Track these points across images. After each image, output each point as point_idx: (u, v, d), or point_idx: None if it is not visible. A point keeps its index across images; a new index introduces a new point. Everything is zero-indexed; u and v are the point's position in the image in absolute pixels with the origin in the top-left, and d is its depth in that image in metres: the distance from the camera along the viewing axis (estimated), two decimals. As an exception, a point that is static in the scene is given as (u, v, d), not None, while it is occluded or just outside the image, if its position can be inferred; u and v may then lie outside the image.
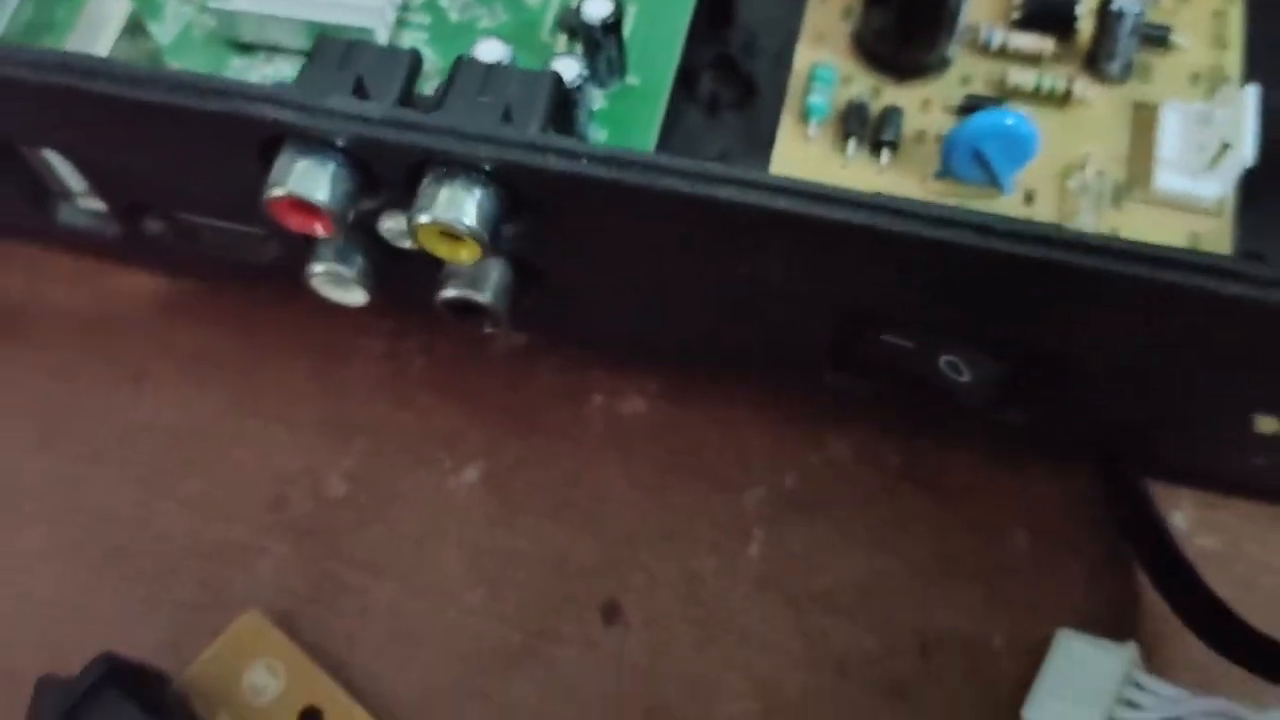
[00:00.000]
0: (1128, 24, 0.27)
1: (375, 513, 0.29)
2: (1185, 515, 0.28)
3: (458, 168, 0.22)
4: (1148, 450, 0.26)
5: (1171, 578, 0.27)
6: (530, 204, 0.23)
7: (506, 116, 0.23)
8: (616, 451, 0.30)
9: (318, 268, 0.26)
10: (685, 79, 0.30)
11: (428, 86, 0.27)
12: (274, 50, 0.30)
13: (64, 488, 0.30)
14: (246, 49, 0.30)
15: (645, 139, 0.29)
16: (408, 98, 0.25)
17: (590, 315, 0.27)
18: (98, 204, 0.29)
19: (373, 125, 0.22)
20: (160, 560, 0.29)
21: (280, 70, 0.30)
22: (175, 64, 0.30)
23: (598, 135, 0.28)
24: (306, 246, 0.26)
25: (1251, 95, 0.26)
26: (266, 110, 0.22)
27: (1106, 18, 0.27)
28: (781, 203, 0.21)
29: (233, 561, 0.29)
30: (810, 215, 0.21)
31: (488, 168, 0.22)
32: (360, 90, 0.24)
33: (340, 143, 0.23)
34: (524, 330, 0.30)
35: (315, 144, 0.23)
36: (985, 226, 0.21)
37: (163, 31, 0.30)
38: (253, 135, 0.23)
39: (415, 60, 0.25)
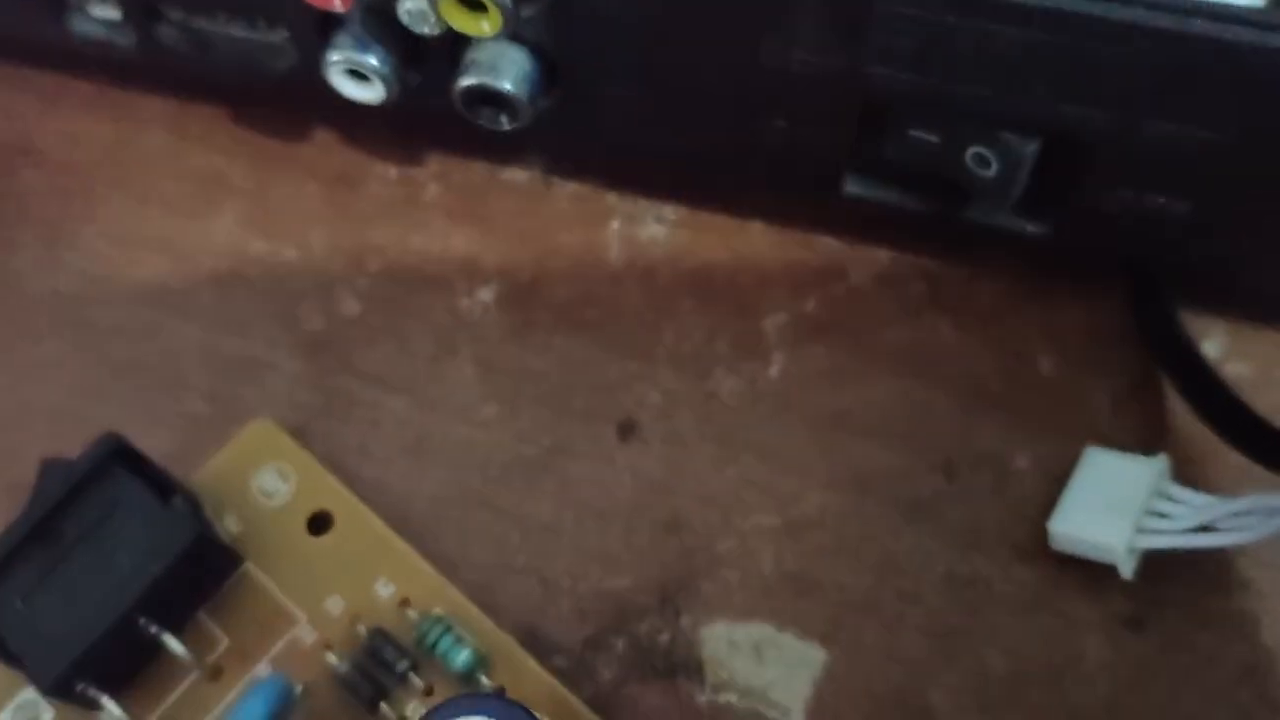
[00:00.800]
0: None
1: (388, 330, 0.29)
2: (1217, 343, 0.28)
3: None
4: (1176, 266, 0.26)
5: (1204, 394, 0.26)
6: None
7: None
8: (634, 274, 0.29)
9: (335, 56, 0.25)
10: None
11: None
12: None
13: (73, 303, 0.29)
14: None
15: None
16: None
17: (609, 120, 0.27)
18: (112, 11, 0.28)
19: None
20: (169, 373, 0.28)
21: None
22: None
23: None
24: (323, 39, 0.26)
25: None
26: None
27: None
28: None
29: (243, 376, 0.28)
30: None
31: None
32: None
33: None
34: (540, 149, 0.30)
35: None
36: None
37: None
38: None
39: None
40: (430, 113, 0.27)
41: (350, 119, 0.29)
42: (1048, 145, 0.24)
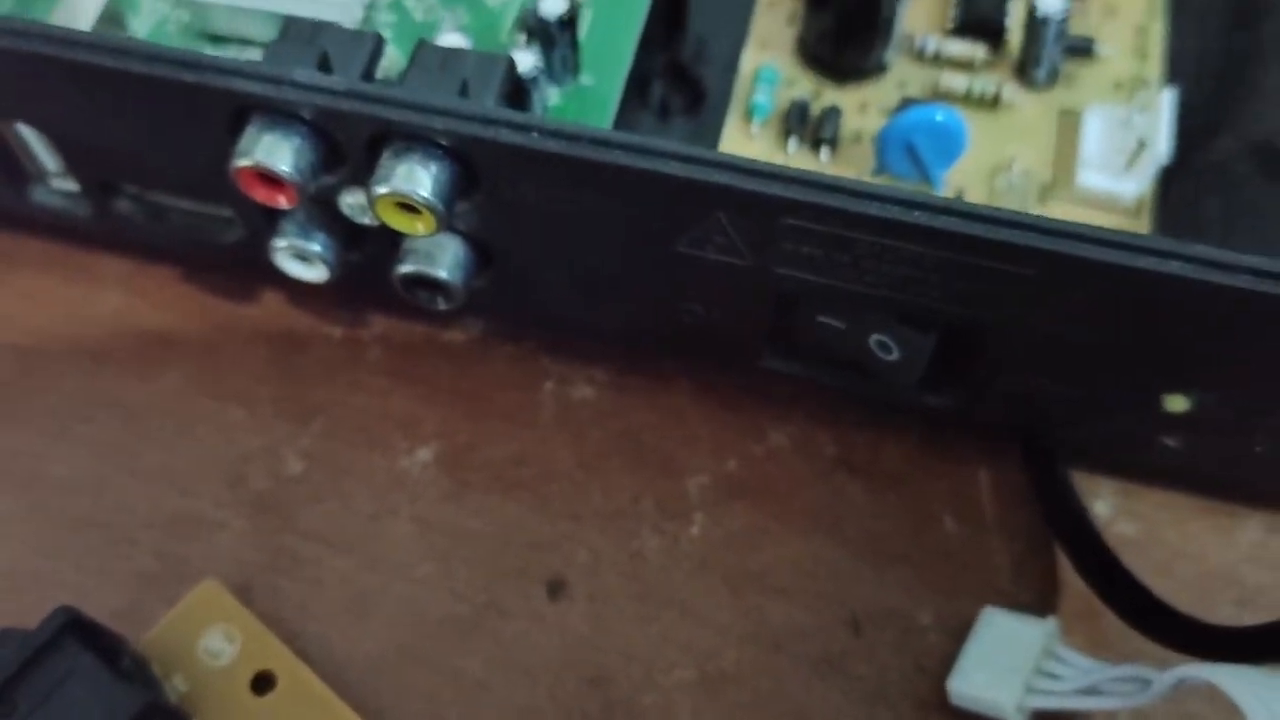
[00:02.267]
0: (1051, 30, 0.29)
1: (330, 489, 0.30)
2: (1106, 503, 0.30)
3: (415, 140, 0.24)
4: (1068, 435, 0.28)
5: (1092, 559, 0.28)
6: (484, 177, 0.24)
7: (463, 93, 0.25)
8: (565, 435, 0.31)
9: (280, 242, 0.27)
10: (637, 84, 0.32)
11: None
12: (246, 43, 0.31)
13: (26, 461, 0.30)
14: (219, 41, 0.31)
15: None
16: (370, 77, 0.26)
17: (541, 298, 0.28)
18: (70, 184, 0.30)
19: (335, 97, 0.24)
20: (119, 532, 0.30)
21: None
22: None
23: (553, 129, 0.30)
24: (269, 225, 0.28)
25: (1168, 97, 0.28)
26: (235, 82, 0.24)
27: (1032, 25, 0.29)
28: (721, 177, 0.23)
29: (191, 535, 0.30)
30: (748, 190, 0.23)
31: (443, 140, 0.23)
32: (325, 66, 0.25)
33: (304, 115, 0.24)
34: (477, 314, 0.31)
35: (281, 116, 0.24)
36: (907, 201, 0.22)
37: (139, 24, 0.31)
38: (222, 106, 0.24)
39: (378, 42, 0.26)
40: (372, 286, 0.28)
41: (297, 284, 0.30)
42: (945, 334, 0.26)
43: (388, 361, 0.32)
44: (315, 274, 0.28)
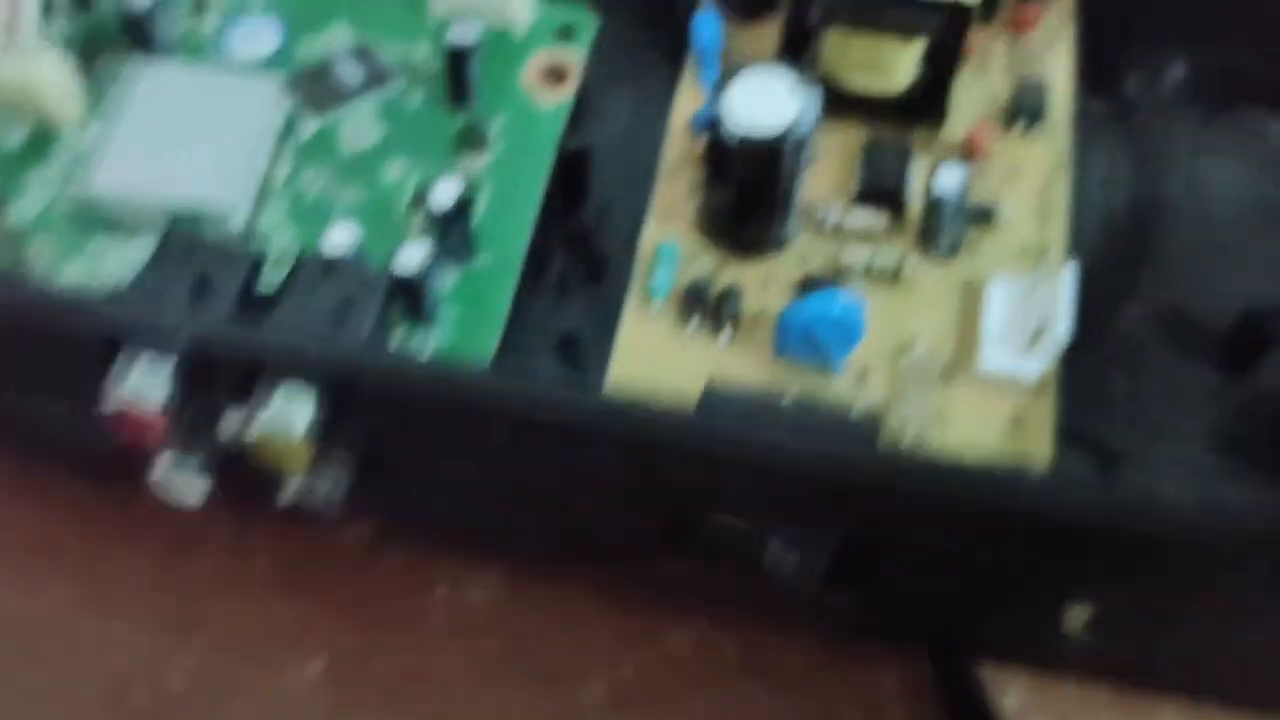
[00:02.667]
0: (949, 209, 0.28)
1: (214, 709, 0.29)
2: (1016, 697, 0.29)
3: (288, 375, 0.23)
4: (975, 633, 0.27)
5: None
6: (360, 406, 0.24)
7: (340, 316, 0.24)
8: (458, 643, 0.30)
9: (158, 468, 0.26)
10: (538, 256, 0.31)
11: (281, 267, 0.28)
12: (133, 230, 0.30)
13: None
14: (108, 227, 0.31)
15: (495, 318, 0.29)
16: (248, 297, 0.25)
17: (428, 506, 0.28)
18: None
19: (206, 335, 0.23)
20: (2, 746, 0.29)
21: (140, 249, 0.30)
22: (37, 242, 0.30)
23: (448, 314, 0.29)
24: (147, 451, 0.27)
25: (1068, 274, 0.28)
26: (103, 320, 0.23)
27: (929, 203, 0.29)
28: (593, 419, 0.22)
29: (73, 752, 0.29)
30: (622, 431, 0.22)
31: (314, 376, 0.23)
32: (201, 290, 0.24)
33: (175, 351, 0.23)
34: (365, 518, 0.30)
35: (152, 352, 0.23)
36: (776, 447, 0.22)
37: (26, 208, 0.31)
38: (91, 343, 0.24)
39: (256, 262, 0.25)
40: (257, 498, 0.28)
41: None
42: (843, 539, 0.25)
43: (275, 569, 0.31)
44: (193, 499, 0.27)
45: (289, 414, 0.23)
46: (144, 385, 0.23)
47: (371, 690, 0.29)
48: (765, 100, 0.27)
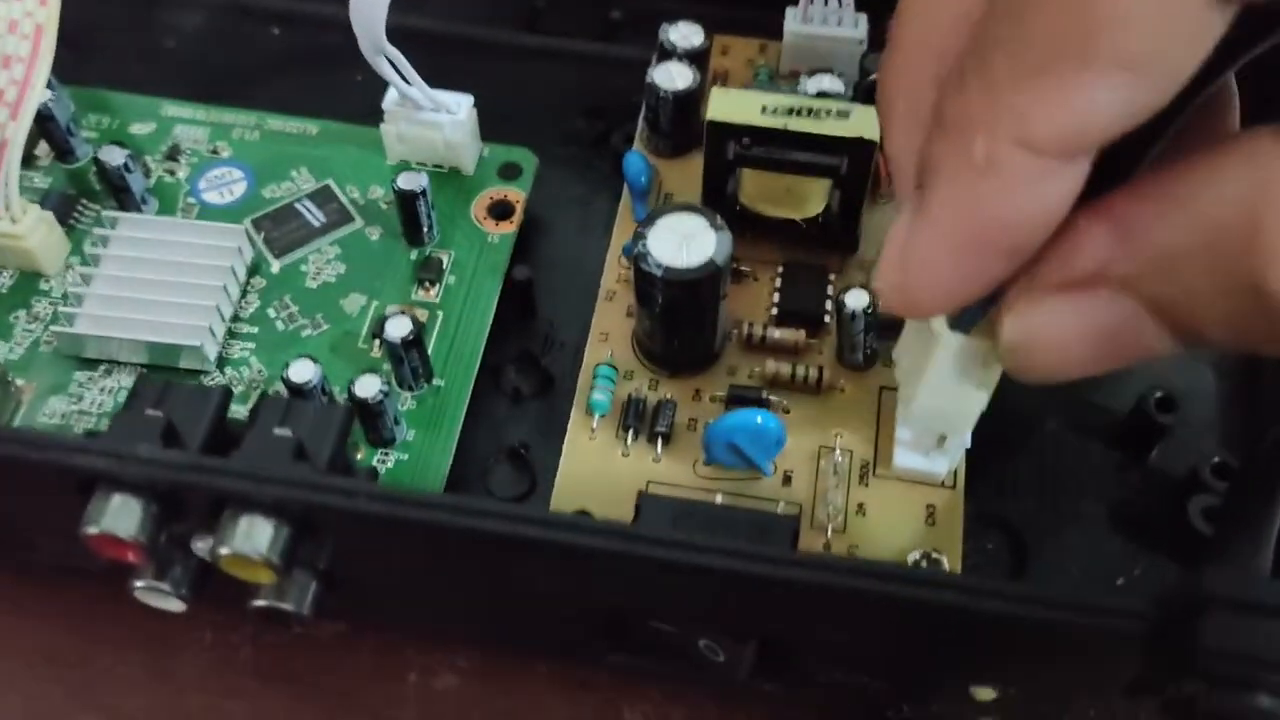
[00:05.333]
0: (859, 323, 0.31)
1: (210, 795, 0.31)
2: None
3: (253, 504, 0.25)
4: (896, 713, 0.29)
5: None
6: (322, 529, 0.26)
7: (300, 451, 0.27)
8: (433, 725, 0.32)
9: (139, 583, 0.28)
10: (492, 371, 0.34)
11: (250, 398, 0.31)
12: (114, 364, 0.33)
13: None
14: (89, 363, 0.33)
15: (450, 434, 0.32)
16: (218, 430, 0.28)
17: (392, 608, 0.30)
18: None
19: (175, 471, 0.25)
20: None
21: (120, 381, 0.33)
22: (22, 378, 0.33)
23: (405, 435, 0.32)
24: (127, 565, 0.29)
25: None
26: (80, 460, 0.25)
27: (841, 318, 0.31)
28: (534, 532, 0.24)
29: None
30: (557, 542, 0.24)
31: (277, 505, 0.25)
32: (171, 432, 0.27)
33: (147, 486, 0.26)
34: (335, 620, 0.33)
35: (126, 486, 0.26)
36: (697, 548, 0.24)
37: (11, 349, 0.33)
38: (70, 480, 0.26)
39: (224, 398, 0.28)
40: (236, 601, 0.30)
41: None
42: (762, 640, 0.27)
43: (258, 662, 0.33)
44: (173, 606, 0.29)
45: (253, 539, 0.25)
46: (117, 519, 0.26)
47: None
48: (684, 239, 0.29)
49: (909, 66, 0.22)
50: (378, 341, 0.33)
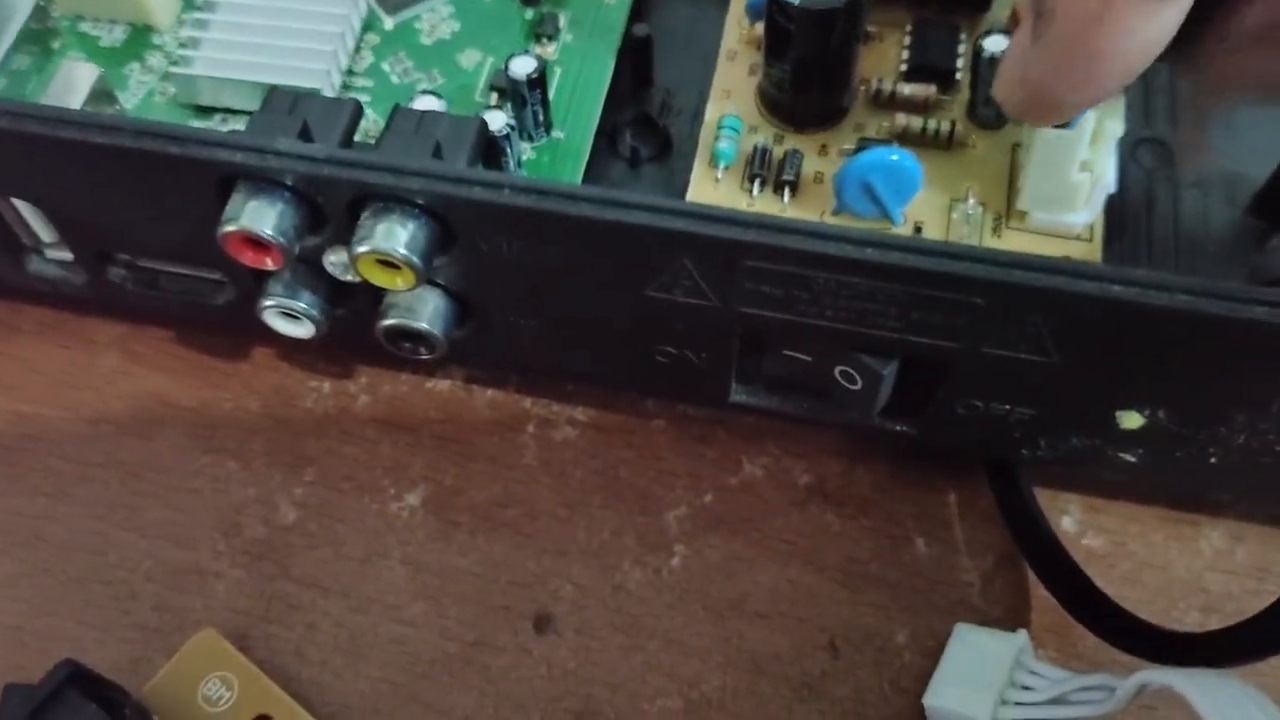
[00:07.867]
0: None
1: (323, 536, 0.31)
2: (1073, 518, 0.31)
3: (393, 201, 0.25)
4: (1030, 455, 0.29)
5: (1058, 574, 0.29)
6: (460, 233, 0.26)
7: (437, 153, 0.26)
8: (548, 475, 0.32)
9: (268, 301, 0.28)
10: (608, 135, 0.33)
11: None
12: (230, 112, 0.33)
13: (28, 521, 0.32)
14: (204, 112, 0.33)
15: (569, 186, 0.31)
16: (349, 142, 0.27)
17: (519, 345, 0.30)
18: (65, 254, 0.31)
19: (315, 164, 0.25)
20: (120, 587, 0.31)
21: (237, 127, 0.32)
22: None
23: (526, 183, 0.31)
24: (258, 285, 0.29)
25: (1114, 129, 0.29)
26: (220, 153, 0.25)
27: (978, 66, 0.30)
28: (683, 224, 0.24)
29: (189, 585, 0.31)
30: (709, 235, 0.24)
31: (419, 200, 0.25)
32: (306, 134, 0.26)
33: (287, 181, 0.25)
34: (459, 362, 0.33)
35: (265, 183, 0.25)
36: (859, 240, 0.23)
37: (127, 98, 0.33)
38: (208, 176, 0.25)
39: (357, 108, 0.27)
40: (358, 340, 0.30)
41: (286, 340, 0.31)
42: (905, 364, 0.27)
43: (375, 411, 0.33)
44: (303, 330, 0.29)
45: (394, 236, 0.25)
46: (256, 216, 0.25)
47: (468, 516, 0.31)
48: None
49: None
50: (495, 95, 0.33)
